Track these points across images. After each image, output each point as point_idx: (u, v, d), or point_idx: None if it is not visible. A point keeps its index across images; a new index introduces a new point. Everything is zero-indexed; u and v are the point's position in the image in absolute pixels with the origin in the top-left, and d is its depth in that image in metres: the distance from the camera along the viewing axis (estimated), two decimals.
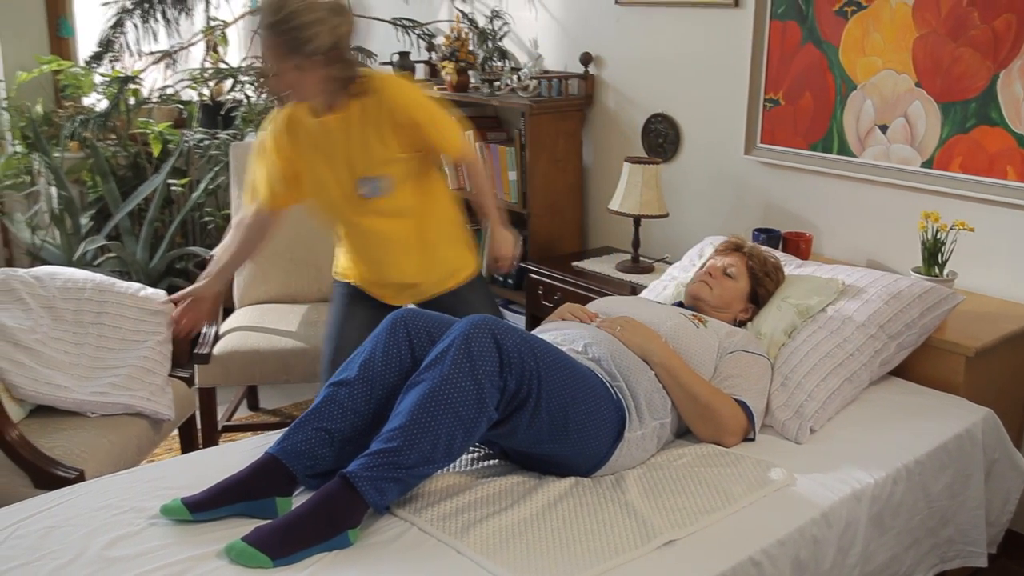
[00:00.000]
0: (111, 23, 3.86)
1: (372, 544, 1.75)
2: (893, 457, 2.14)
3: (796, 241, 2.98)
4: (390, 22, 4.10)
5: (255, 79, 2.37)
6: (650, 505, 1.89)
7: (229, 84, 4.35)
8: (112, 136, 4.41)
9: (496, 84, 3.72)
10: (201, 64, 4.41)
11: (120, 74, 4.12)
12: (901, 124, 2.82)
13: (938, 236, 2.61)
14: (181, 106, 4.55)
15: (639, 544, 1.75)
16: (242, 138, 4.03)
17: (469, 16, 3.96)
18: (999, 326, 2.53)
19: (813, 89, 3.00)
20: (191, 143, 4.27)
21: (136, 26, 3.86)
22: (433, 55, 4.15)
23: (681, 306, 2.54)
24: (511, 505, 1.86)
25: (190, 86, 4.50)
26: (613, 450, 2.02)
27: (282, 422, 3.60)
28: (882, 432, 2.25)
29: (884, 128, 2.87)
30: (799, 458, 2.12)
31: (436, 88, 3.93)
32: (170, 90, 4.42)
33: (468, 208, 4.03)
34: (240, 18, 4.33)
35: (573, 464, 2.00)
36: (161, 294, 2.76)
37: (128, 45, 3.90)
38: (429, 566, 1.68)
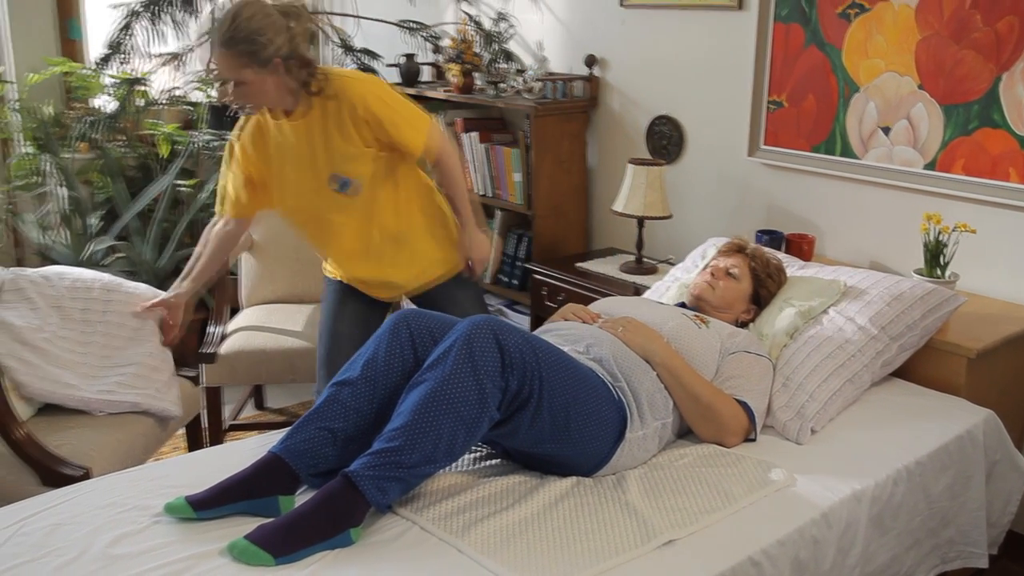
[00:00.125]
0: (120, 25, 3.89)
1: (373, 543, 1.76)
2: (894, 458, 2.14)
3: (799, 242, 2.99)
4: (396, 24, 4.12)
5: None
6: (650, 505, 1.90)
7: None
8: (121, 137, 4.44)
9: (501, 86, 3.74)
10: (208, 66, 4.43)
11: (129, 76, 4.15)
12: (904, 126, 2.83)
13: (940, 238, 2.61)
14: (189, 107, 4.57)
15: (639, 544, 1.76)
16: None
17: (475, 18, 3.98)
18: (1001, 328, 2.53)
19: (816, 91, 3.01)
20: (199, 144, 4.30)
21: (145, 28, 3.89)
22: (439, 57, 4.16)
23: (684, 307, 2.54)
24: (512, 504, 1.87)
25: (198, 88, 4.52)
26: (615, 450, 2.03)
27: (288, 421, 3.63)
28: (883, 433, 2.26)
29: (887, 130, 2.87)
30: (800, 459, 2.13)
31: (442, 90, 3.95)
32: (178, 92, 4.45)
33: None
34: None
35: (575, 464, 2.01)
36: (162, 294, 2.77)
37: (137, 47, 3.93)
38: (430, 565, 1.69)
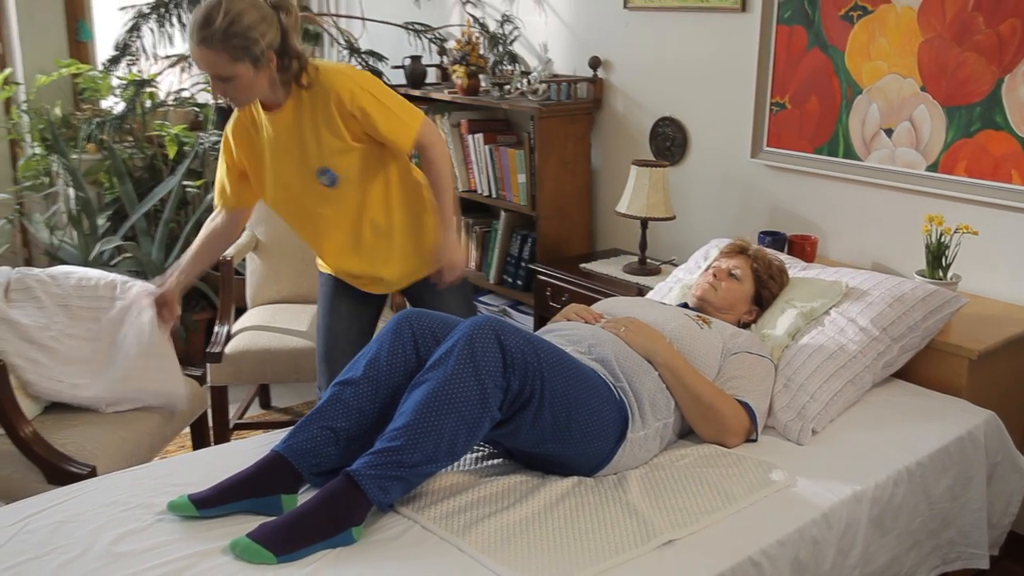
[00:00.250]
0: (128, 27, 3.92)
1: (375, 542, 1.77)
2: (894, 459, 2.15)
3: (801, 244, 3.00)
4: (402, 26, 4.14)
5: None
6: (651, 505, 1.90)
7: None
8: (129, 138, 4.47)
9: (506, 88, 3.75)
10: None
11: (137, 77, 4.18)
12: (906, 128, 2.83)
13: (942, 239, 2.62)
14: (197, 109, 4.60)
15: (639, 543, 1.77)
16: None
17: (480, 20, 3.99)
18: (1002, 329, 2.53)
19: (819, 93, 3.02)
20: (206, 145, 4.32)
21: (152, 30, 3.91)
22: (444, 59, 4.18)
23: (686, 307, 2.55)
24: (513, 504, 1.88)
25: (205, 89, 4.55)
26: (616, 450, 2.03)
27: (293, 420, 3.64)
28: (884, 434, 2.26)
29: (889, 132, 2.88)
30: (801, 459, 2.13)
31: (447, 92, 3.97)
32: (185, 93, 4.48)
33: (469, 204, 4.09)
34: None
35: (576, 464, 2.02)
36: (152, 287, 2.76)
37: (144, 49, 3.95)
38: (431, 564, 1.70)
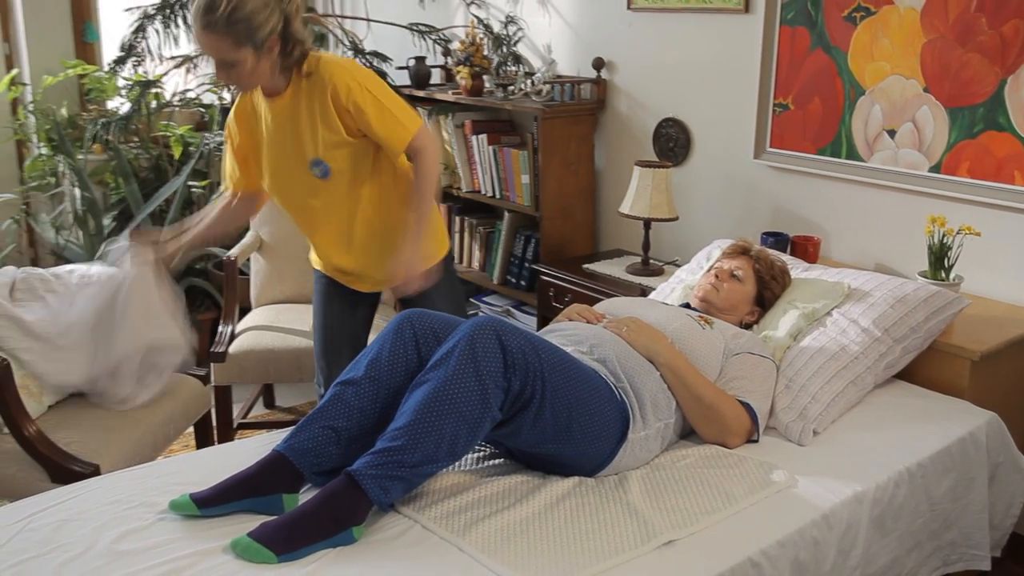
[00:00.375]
0: (133, 28, 3.93)
1: (375, 541, 1.77)
2: (895, 460, 2.15)
3: (804, 245, 3.00)
4: (406, 27, 4.15)
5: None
6: (651, 505, 1.91)
7: None
8: (134, 139, 4.49)
9: (510, 88, 3.76)
10: (217, 81, 4.47)
11: (142, 78, 4.20)
12: (909, 129, 2.83)
13: (944, 240, 2.61)
14: (202, 109, 4.62)
15: (639, 544, 1.77)
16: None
17: (484, 22, 4.00)
18: (1005, 330, 2.53)
19: (822, 94, 3.02)
20: (211, 146, 4.34)
21: (158, 31, 3.93)
22: (448, 60, 4.19)
23: (688, 308, 2.56)
24: (514, 504, 1.89)
25: (210, 90, 4.57)
26: (617, 451, 2.04)
27: (296, 420, 3.61)
28: (885, 435, 2.26)
29: (892, 133, 2.87)
30: (802, 460, 2.14)
31: (451, 92, 3.98)
32: (191, 94, 4.50)
33: (473, 205, 4.10)
34: None
35: (577, 464, 2.02)
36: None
37: (150, 49, 3.97)
38: (430, 563, 1.71)
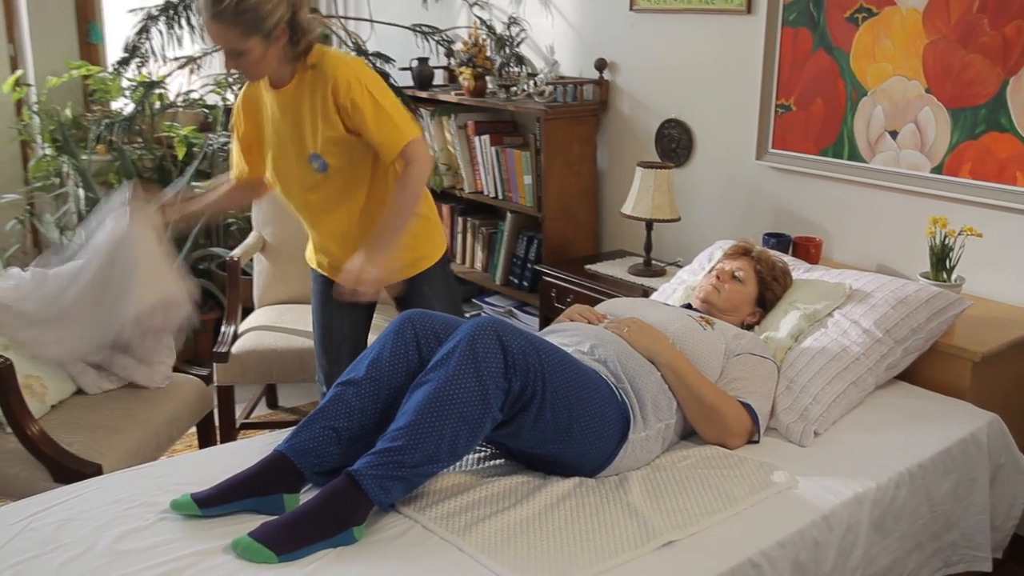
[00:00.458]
0: (137, 29, 3.94)
1: (375, 541, 1.78)
2: (896, 461, 2.15)
3: (806, 246, 3.00)
4: (410, 28, 4.15)
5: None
6: (651, 506, 1.91)
7: None
8: (138, 139, 4.49)
9: (513, 89, 3.76)
10: (226, 69, 4.48)
11: (146, 79, 4.20)
12: (911, 130, 2.83)
13: (946, 241, 2.61)
14: (206, 110, 4.63)
15: (639, 544, 1.77)
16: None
17: (487, 23, 4.00)
18: (1006, 331, 2.53)
19: (824, 95, 3.02)
20: (215, 146, 4.35)
21: (161, 32, 3.93)
22: (451, 61, 4.19)
23: (689, 308, 2.56)
24: (514, 504, 1.89)
25: (214, 90, 4.58)
26: (617, 451, 2.04)
27: (299, 420, 3.61)
28: (886, 436, 2.26)
29: (894, 134, 2.87)
30: (802, 461, 2.14)
31: (454, 93, 3.98)
32: (194, 94, 4.50)
33: (475, 206, 4.11)
34: None
35: (577, 465, 2.03)
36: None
37: (154, 50, 3.98)
38: (430, 564, 1.71)
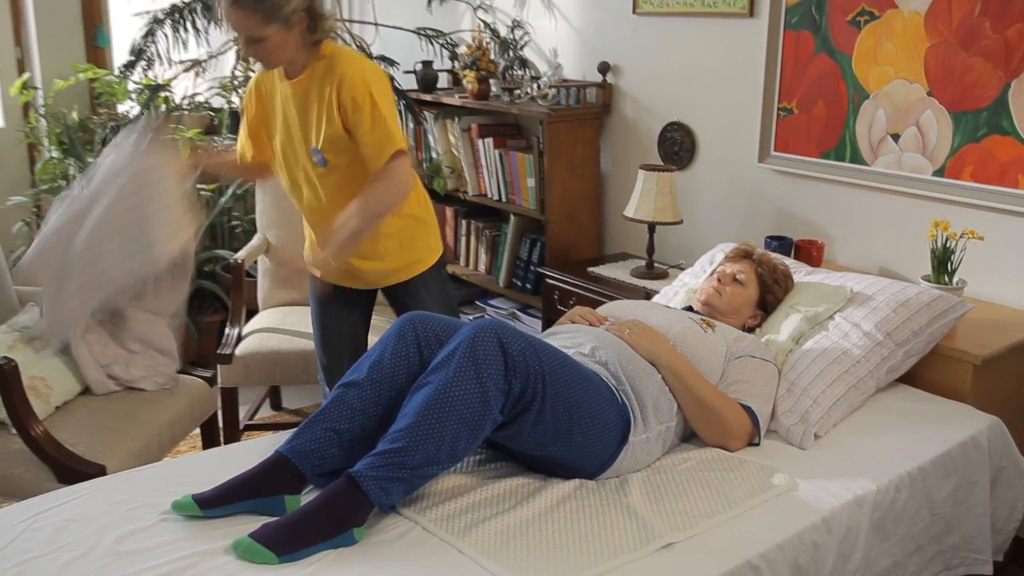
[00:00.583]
0: (143, 33, 3.96)
1: (375, 543, 1.78)
2: (896, 463, 2.15)
3: (808, 248, 3.00)
4: (414, 32, 4.17)
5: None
6: (651, 508, 1.91)
7: None
8: None
9: (516, 92, 3.77)
10: (231, 72, 4.50)
11: (152, 82, 4.22)
12: (913, 133, 2.83)
13: (947, 244, 2.62)
14: (211, 113, 4.64)
15: (638, 546, 1.78)
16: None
17: (491, 26, 4.02)
18: (1008, 334, 2.53)
19: (826, 98, 3.02)
20: (220, 149, 4.36)
21: (167, 36, 3.95)
22: (455, 64, 4.20)
23: (691, 311, 2.56)
24: (514, 506, 1.90)
25: (219, 94, 4.59)
26: (618, 453, 2.05)
27: (303, 422, 3.67)
28: (886, 439, 2.26)
29: (896, 137, 2.88)
30: (802, 463, 2.14)
31: (458, 96, 3.99)
32: (200, 98, 4.52)
33: (479, 208, 4.12)
34: None
35: (578, 467, 2.03)
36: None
37: (159, 54, 4.00)
38: (431, 565, 1.72)
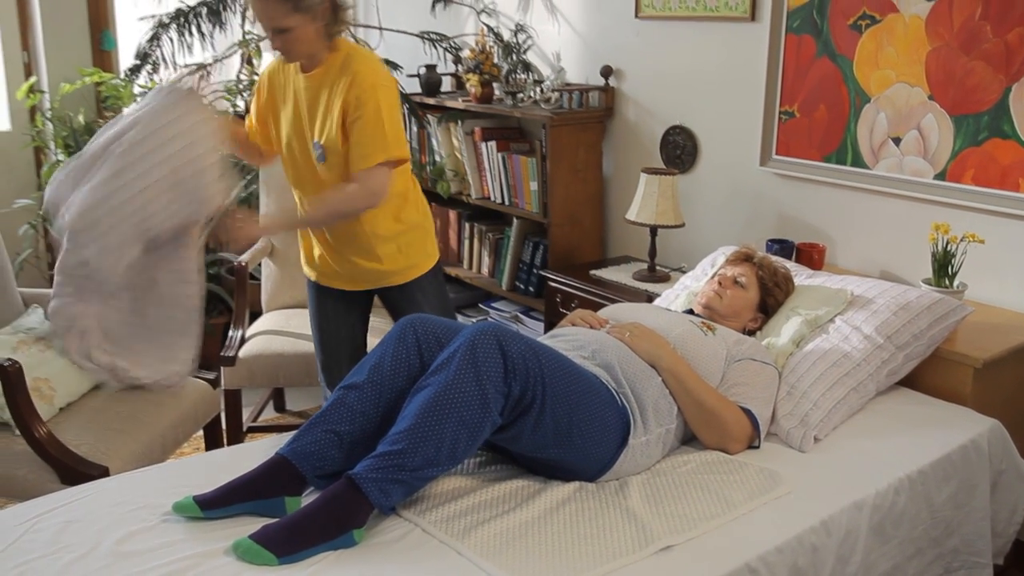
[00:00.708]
0: (148, 37, 3.98)
1: (375, 544, 1.79)
2: (896, 467, 2.15)
3: (809, 252, 3.00)
4: (418, 36, 4.18)
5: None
6: (650, 510, 1.92)
7: None
8: None
9: (519, 96, 3.78)
10: (236, 76, 4.52)
11: (157, 86, 4.24)
12: (914, 136, 2.84)
13: (948, 248, 2.62)
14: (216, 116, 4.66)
15: (636, 549, 1.78)
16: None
17: (494, 30, 4.03)
18: (1008, 338, 2.53)
19: (827, 101, 3.02)
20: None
21: (172, 40, 3.97)
22: (459, 68, 4.22)
23: (691, 314, 2.57)
24: (514, 508, 1.90)
25: (225, 97, 4.61)
26: (617, 456, 2.05)
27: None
28: (886, 442, 2.26)
29: (897, 140, 2.88)
30: (802, 466, 2.14)
31: (461, 100, 4.00)
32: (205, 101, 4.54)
33: (482, 211, 4.13)
34: None
35: (578, 469, 2.04)
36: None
37: (164, 58, 4.02)
38: (430, 567, 1.72)
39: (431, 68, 4.19)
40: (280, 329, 3.39)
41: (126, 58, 4.71)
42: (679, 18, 3.43)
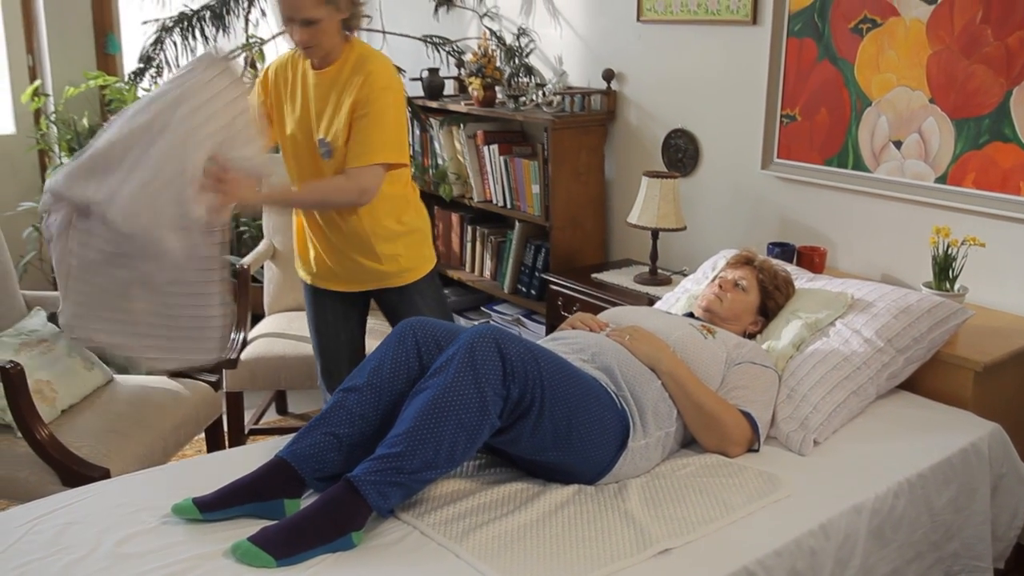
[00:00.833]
0: (152, 40, 3.99)
1: (373, 547, 1.79)
2: (896, 470, 2.15)
3: (810, 255, 3.00)
4: (420, 39, 4.19)
5: (289, 34, 2.37)
6: (649, 514, 1.92)
7: None
8: None
9: (521, 99, 3.79)
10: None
11: None
12: (915, 140, 2.84)
13: (949, 251, 2.62)
14: None
15: (635, 552, 1.78)
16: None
17: (496, 33, 4.04)
18: (1009, 341, 2.53)
19: (829, 105, 3.03)
20: None
21: (175, 43, 3.99)
22: (461, 71, 4.23)
23: (692, 317, 2.57)
24: (512, 511, 1.91)
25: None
26: (617, 459, 2.05)
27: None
28: (886, 445, 2.26)
29: (898, 144, 2.88)
30: (802, 470, 2.14)
31: (463, 103, 4.01)
32: None
33: (484, 215, 4.13)
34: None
35: (577, 472, 2.04)
36: None
37: (168, 61, 4.03)
38: (428, 569, 1.73)
39: (434, 71, 4.20)
40: (282, 332, 3.40)
41: (130, 62, 4.73)
42: (681, 22, 3.43)
